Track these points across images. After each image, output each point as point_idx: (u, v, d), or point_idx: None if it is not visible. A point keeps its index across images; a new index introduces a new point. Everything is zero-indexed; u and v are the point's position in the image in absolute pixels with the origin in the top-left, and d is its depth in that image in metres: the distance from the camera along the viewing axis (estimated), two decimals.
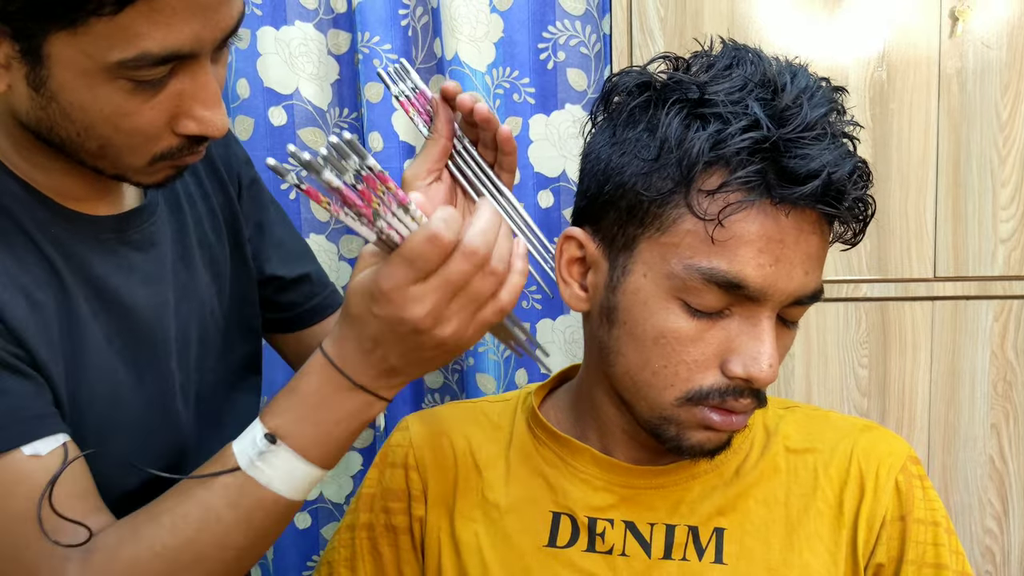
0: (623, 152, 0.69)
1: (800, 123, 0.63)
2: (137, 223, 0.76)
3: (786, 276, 0.65)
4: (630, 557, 0.74)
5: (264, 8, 1.34)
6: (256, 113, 1.35)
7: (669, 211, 0.66)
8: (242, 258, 0.90)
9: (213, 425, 0.78)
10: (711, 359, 0.67)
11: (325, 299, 0.98)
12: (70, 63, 0.59)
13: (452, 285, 0.59)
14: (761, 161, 0.63)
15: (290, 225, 0.99)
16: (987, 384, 1.29)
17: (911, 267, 1.28)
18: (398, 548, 0.80)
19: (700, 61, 0.69)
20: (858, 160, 0.66)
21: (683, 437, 0.70)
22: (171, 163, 0.68)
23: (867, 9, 1.24)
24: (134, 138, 0.65)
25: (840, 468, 0.76)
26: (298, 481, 0.65)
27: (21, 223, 0.68)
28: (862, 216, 0.68)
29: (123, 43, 0.58)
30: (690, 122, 0.65)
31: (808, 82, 0.66)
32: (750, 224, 0.64)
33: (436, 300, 0.59)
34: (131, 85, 0.61)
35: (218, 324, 0.85)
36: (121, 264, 0.74)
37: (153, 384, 0.77)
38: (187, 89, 0.64)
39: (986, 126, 1.24)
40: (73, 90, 0.61)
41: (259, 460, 0.64)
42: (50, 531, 0.62)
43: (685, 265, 0.65)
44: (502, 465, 0.80)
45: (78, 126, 0.64)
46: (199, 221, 0.84)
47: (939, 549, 0.74)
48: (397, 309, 0.59)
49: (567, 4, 1.32)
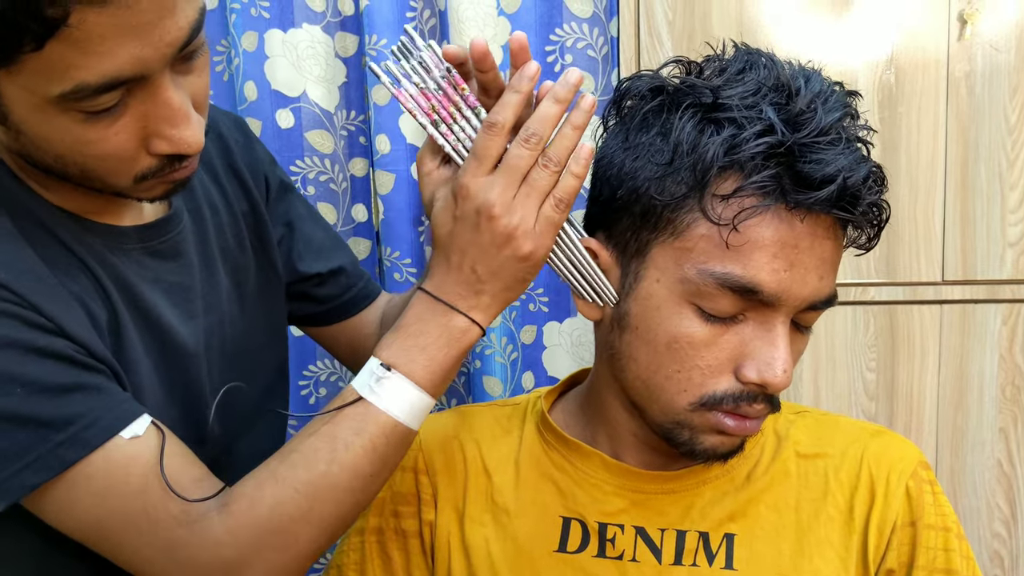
0: (636, 157, 0.68)
1: (815, 128, 0.63)
2: (162, 233, 0.76)
3: (800, 281, 0.65)
4: (640, 563, 0.73)
5: (272, 11, 1.34)
6: (264, 115, 1.35)
7: (683, 216, 0.66)
8: (268, 263, 0.90)
9: (244, 433, 0.78)
10: (725, 364, 0.67)
11: (362, 290, 0.99)
12: (19, 99, 0.59)
13: (515, 171, 0.65)
14: (776, 166, 0.63)
15: (320, 219, 0.99)
16: (995, 388, 1.28)
17: (919, 270, 1.27)
18: (408, 552, 0.80)
19: (712, 65, 0.69)
20: (873, 165, 0.65)
21: (696, 441, 0.70)
22: (159, 180, 0.67)
23: (875, 12, 1.24)
24: (107, 162, 0.63)
25: (851, 473, 0.76)
26: (412, 407, 0.68)
27: (59, 236, 0.68)
28: (877, 221, 0.67)
29: (58, 77, 0.56)
30: (704, 126, 0.65)
31: (822, 86, 0.65)
32: (765, 229, 0.64)
33: (503, 186, 0.65)
34: (84, 115, 0.59)
35: (241, 333, 0.85)
36: (146, 275, 0.74)
37: (185, 396, 0.77)
38: (149, 110, 0.61)
39: (995, 129, 1.24)
40: (32, 124, 0.60)
41: (376, 386, 0.68)
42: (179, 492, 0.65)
43: (699, 270, 0.65)
44: (512, 469, 0.80)
45: (50, 156, 0.63)
46: (221, 229, 0.84)
47: (950, 554, 0.74)
48: (472, 200, 0.66)
49: (574, 7, 1.32)
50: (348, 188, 1.40)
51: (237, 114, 1.12)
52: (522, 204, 0.65)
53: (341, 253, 0.98)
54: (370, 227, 1.40)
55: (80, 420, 0.63)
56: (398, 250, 1.35)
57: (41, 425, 0.62)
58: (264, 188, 0.91)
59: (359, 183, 1.40)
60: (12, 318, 0.62)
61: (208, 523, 0.66)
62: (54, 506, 0.65)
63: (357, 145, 1.39)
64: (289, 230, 0.93)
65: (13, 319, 0.62)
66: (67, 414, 0.63)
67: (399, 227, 1.35)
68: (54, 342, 0.63)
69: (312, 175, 1.37)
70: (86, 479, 0.64)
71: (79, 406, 0.63)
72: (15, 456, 0.62)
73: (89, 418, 0.63)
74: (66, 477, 0.63)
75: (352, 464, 0.67)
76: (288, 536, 0.67)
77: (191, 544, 0.66)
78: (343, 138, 1.38)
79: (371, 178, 1.38)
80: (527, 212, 0.65)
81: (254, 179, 0.89)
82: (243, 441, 0.71)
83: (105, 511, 0.65)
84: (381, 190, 1.34)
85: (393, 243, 1.35)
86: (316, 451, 0.67)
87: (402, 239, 1.35)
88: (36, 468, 0.62)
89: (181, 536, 0.65)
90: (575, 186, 0.67)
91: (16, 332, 0.62)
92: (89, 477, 0.64)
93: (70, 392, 0.63)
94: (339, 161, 1.39)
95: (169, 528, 0.65)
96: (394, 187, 1.34)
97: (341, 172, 1.39)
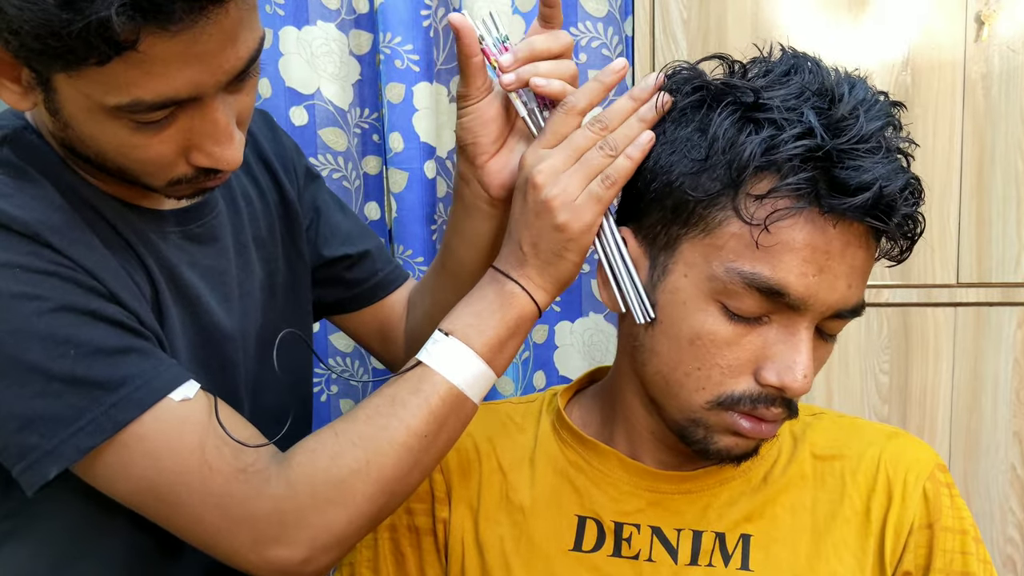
0: (672, 151, 0.68)
1: (855, 135, 0.62)
2: (198, 217, 0.77)
3: (828, 287, 0.64)
4: (656, 563, 0.73)
5: (286, 8, 1.34)
6: (277, 113, 1.35)
7: (715, 213, 0.65)
8: (297, 254, 0.91)
9: (271, 420, 0.79)
10: (745, 365, 0.67)
11: (389, 274, 0.99)
12: (74, 100, 0.60)
13: (573, 148, 0.68)
14: (812, 169, 0.62)
15: (346, 207, 1.00)
16: (1009, 391, 1.28)
17: (934, 273, 1.27)
18: (421, 550, 0.80)
19: (758, 66, 0.68)
20: (911, 176, 0.65)
21: (710, 440, 0.70)
22: (191, 187, 0.69)
23: (892, 13, 1.23)
24: (146, 166, 0.65)
25: (867, 475, 0.75)
26: (468, 373, 0.70)
27: (105, 216, 0.69)
28: (911, 234, 0.67)
29: (116, 90, 0.58)
30: (743, 125, 0.64)
31: (866, 94, 0.65)
32: (797, 232, 0.63)
33: (556, 159, 0.68)
34: (133, 124, 0.61)
35: (272, 322, 0.86)
36: (184, 258, 0.75)
37: (220, 377, 0.78)
38: (196, 126, 0.63)
39: (1011, 131, 1.24)
40: (81, 122, 0.62)
41: (433, 348, 0.70)
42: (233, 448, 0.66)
43: (727, 268, 0.65)
44: (527, 467, 0.80)
45: (92, 151, 0.65)
46: (255, 218, 0.85)
47: (967, 558, 0.73)
48: (525, 170, 0.69)
49: (589, 6, 1.31)
50: (361, 186, 1.40)
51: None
52: (568, 178, 0.68)
53: (368, 238, 0.99)
54: (383, 225, 1.40)
55: (132, 381, 0.64)
56: (411, 248, 1.35)
57: (94, 387, 0.63)
58: (295, 177, 0.92)
59: (372, 181, 1.40)
60: (67, 281, 0.63)
61: (265, 476, 0.66)
62: (107, 470, 0.65)
63: (370, 143, 1.39)
64: (316, 215, 0.95)
65: (68, 282, 0.63)
66: (119, 375, 0.64)
67: (412, 225, 1.34)
68: (107, 307, 0.65)
69: (325, 173, 1.37)
70: (139, 440, 0.64)
71: (131, 367, 0.64)
72: (69, 419, 0.62)
73: (141, 379, 0.64)
74: (119, 439, 0.64)
75: (408, 422, 0.68)
76: (346, 489, 0.67)
77: (248, 497, 0.66)
78: (356, 136, 1.38)
79: (384, 176, 1.38)
80: (571, 185, 0.67)
81: (284, 170, 0.90)
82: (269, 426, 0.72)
83: (158, 471, 0.65)
84: (394, 188, 1.34)
85: (406, 241, 1.35)
86: (376, 407, 0.69)
87: (415, 237, 1.34)
88: (90, 431, 0.63)
89: (238, 490, 0.66)
90: (627, 167, 0.68)
91: (71, 296, 0.63)
92: (142, 438, 0.64)
93: (122, 354, 0.64)
94: (352, 159, 1.39)
95: (225, 482, 0.66)
96: (407, 185, 1.33)
97: (354, 170, 1.39)
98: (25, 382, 0.62)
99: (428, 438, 0.69)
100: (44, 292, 0.62)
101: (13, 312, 0.61)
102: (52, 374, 0.62)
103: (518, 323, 0.71)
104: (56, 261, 0.63)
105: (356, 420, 0.69)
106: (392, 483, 0.68)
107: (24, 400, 0.62)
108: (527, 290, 0.70)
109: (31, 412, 0.62)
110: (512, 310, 0.70)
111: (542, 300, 0.71)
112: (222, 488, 0.66)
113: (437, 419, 0.69)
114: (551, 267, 0.69)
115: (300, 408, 0.93)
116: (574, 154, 0.68)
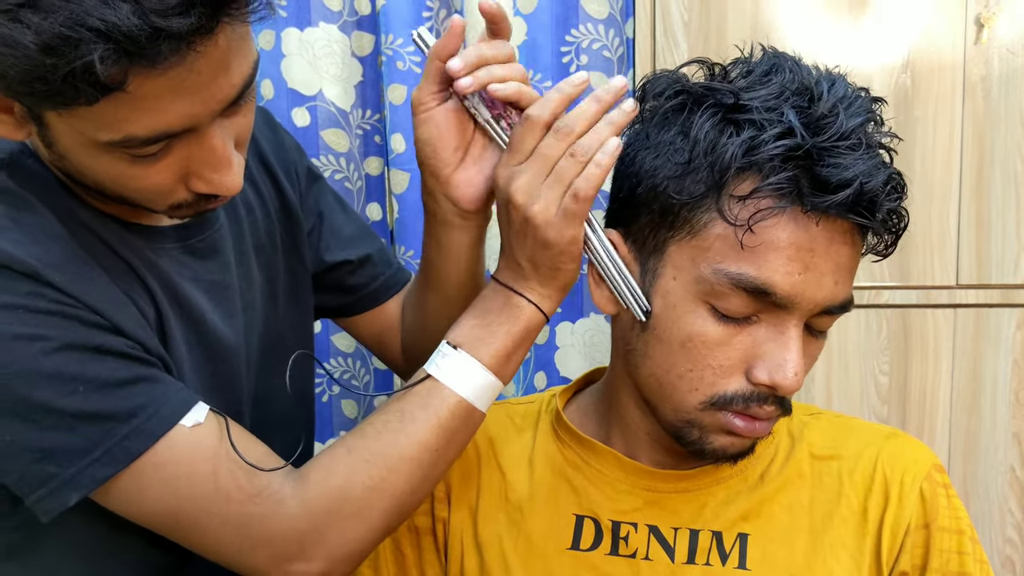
0: (656, 155, 0.69)
1: (835, 132, 0.63)
2: (199, 232, 0.77)
3: (815, 285, 0.65)
4: (653, 561, 0.74)
5: (289, 9, 1.35)
6: (280, 114, 1.36)
7: (700, 215, 0.66)
8: (298, 260, 0.91)
9: (275, 429, 0.79)
10: (737, 364, 0.67)
11: (389, 279, 0.99)
12: (67, 135, 0.60)
13: (542, 160, 0.67)
14: (794, 168, 0.63)
15: (349, 208, 1.00)
16: (1009, 393, 1.28)
17: (933, 274, 1.27)
18: (420, 549, 0.81)
19: (739, 67, 0.69)
20: (893, 171, 0.65)
21: (705, 441, 0.70)
22: (193, 209, 0.69)
23: (892, 15, 1.23)
24: (146, 194, 0.65)
25: (865, 475, 0.76)
26: (475, 383, 0.71)
27: (104, 239, 0.69)
28: (895, 228, 0.67)
29: (107, 128, 0.58)
30: (724, 127, 0.65)
31: (846, 91, 0.65)
32: (780, 231, 0.64)
33: (529, 174, 0.67)
34: (129, 157, 0.61)
35: (274, 330, 0.86)
36: (186, 273, 0.75)
37: (224, 393, 0.78)
38: (193, 154, 0.63)
39: (1011, 133, 1.24)
40: (76, 155, 0.62)
41: (441, 363, 0.71)
42: (247, 471, 0.67)
43: (714, 269, 0.65)
44: (525, 467, 0.80)
45: (89, 180, 0.65)
46: (255, 226, 0.85)
47: (963, 558, 0.74)
48: (502, 190, 0.69)
49: (590, 7, 1.32)
50: (363, 187, 1.40)
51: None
52: (544, 192, 0.67)
53: (369, 241, 0.99)
54: (385, 226, 1.41)
55: (142, 412, 0.65)
56: (412, 248, 1.36)
57: (106, 419, 0.64)
58: (296, 180, 0.91)
59: (374, 182, 1.40)
60: (70, 319, 0.63)
61: (281, 496, 0.67)
62: (124, 496, 0.66)
63: (372, 144, 1.39)
64: (319, 220, 0.94)
65: (71, 320, 0.63)
66: (129, 407, 0.65)
67: (414, 226, 1.35)
68: (111, 340, 0.65)
69: (327, 174, 1.38)
70: (154, 468, 0.65)
71: (141, 396, 0.65)
72: (84, 451, 0.63)
73: (152, 408, 0.65)
74: (134, 468, 0.65)
75: (419, 436, 0.69)
76: (362, 506, 0.68)
77: (265, 518, 0.67)
78: (358, 137, 1.39)
79: (386, 177, 1.38)
80: (549, 200, 0.67)
81: (285, 174, 0.90)
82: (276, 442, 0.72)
83: (176, 497, 0.66)
84: (396, 189, 1.35)
85: (408, 242, 1.35)
86: (385, 423, 0.70)
87: (417, 238, 1.35)
88: (105, 461, 0.64)
89: (255, 512, 0.67)
90: (597, 176, 0.66)
91: (75, 333, 0.63)
92: (157, 466, 0.65)
93: (131, 384, 0.65)
94: (354, 160, 1.39)
95: (242, 505, 0.67)
96: (409, 186, 1.34)
97: (356, 171, 1.40)
98: (38, 419, 0.63)
99: (439, 451, 0.70)
100: (48, 332, 0.62)
101: (19, 353, 0.61)
102: (63, 411, 0.63)
103: (525, 334, 0.72)
104: (57, 300, 0.63)
105: (367, 436, 0.70)
106: (405, 496, 0.70)
107: (38, 434, 0.63)
108: (534, 302, 0.71)
109: (47, 444, 0.63)
110: (519, 322, 0.71)
111: (548, 308, 0.72)
112: (239, 511, 0.67)
113: (447, 432, 0.70)
114: (552, 279, 0.70)
115: (303, 413, 0.94)
116: (546, 166, 0.67)
